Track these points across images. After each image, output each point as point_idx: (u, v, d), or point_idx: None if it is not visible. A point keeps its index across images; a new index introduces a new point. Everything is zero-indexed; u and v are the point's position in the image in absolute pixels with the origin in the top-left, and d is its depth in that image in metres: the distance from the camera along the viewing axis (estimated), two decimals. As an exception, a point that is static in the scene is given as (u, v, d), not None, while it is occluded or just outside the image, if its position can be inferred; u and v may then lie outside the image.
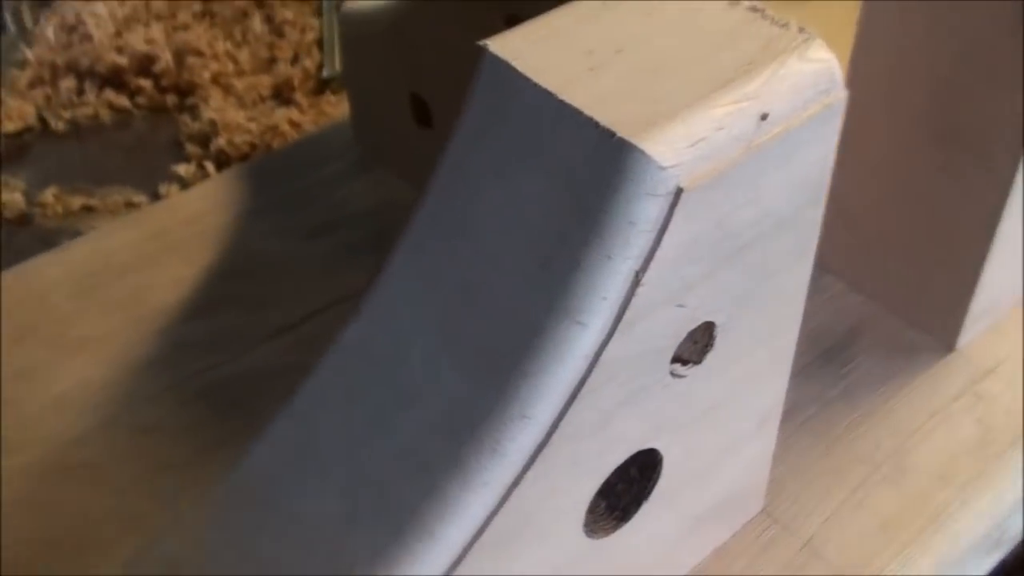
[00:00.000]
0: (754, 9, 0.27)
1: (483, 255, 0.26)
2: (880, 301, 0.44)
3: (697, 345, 0.28)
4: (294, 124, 0.64)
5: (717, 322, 0.28)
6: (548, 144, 0.25)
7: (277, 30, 0.74)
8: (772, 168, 0.26)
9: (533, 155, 0.25)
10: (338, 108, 0.65)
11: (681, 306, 0.26)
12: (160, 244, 0.48)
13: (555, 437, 0.26)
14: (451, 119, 0.44)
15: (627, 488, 0.31)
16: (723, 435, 0.32)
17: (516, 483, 0.26)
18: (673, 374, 0.28)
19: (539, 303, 0.25)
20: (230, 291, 0.46)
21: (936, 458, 0.39)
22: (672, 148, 0.24)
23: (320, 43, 0.72)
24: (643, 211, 0.24)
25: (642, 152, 0.24)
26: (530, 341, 0.25)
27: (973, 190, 0.39)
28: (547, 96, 0.25)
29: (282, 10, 0.75)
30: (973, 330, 0.43)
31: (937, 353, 0.43)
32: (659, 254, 0.25)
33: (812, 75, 0.26)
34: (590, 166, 0.24)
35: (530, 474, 0.26)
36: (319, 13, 0.75)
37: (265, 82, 0.69)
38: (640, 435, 0.29)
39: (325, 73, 0.69)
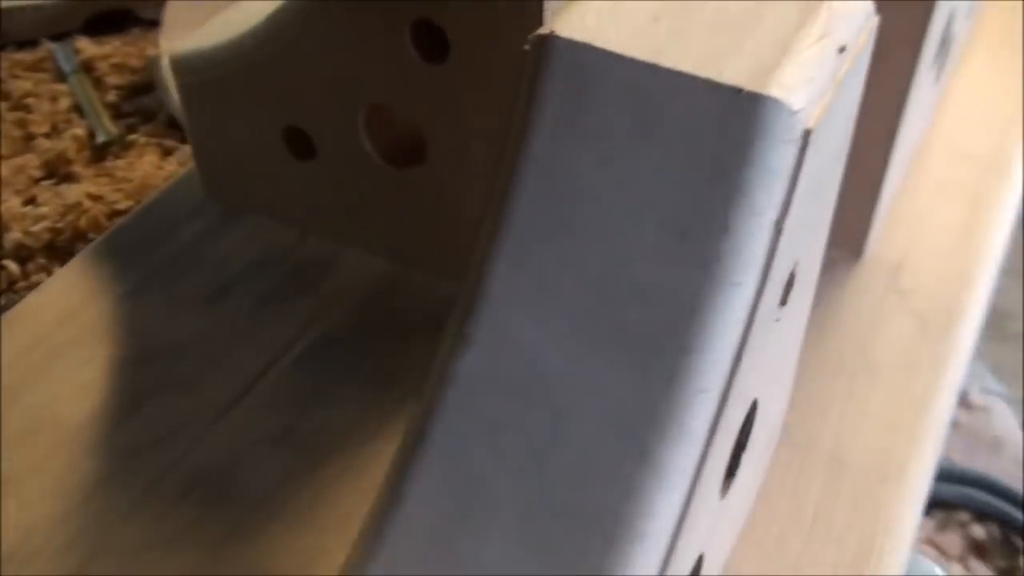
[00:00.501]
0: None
1: (609, 245, 0.25)
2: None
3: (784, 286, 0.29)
4: (95, 198, 0.58)
5: (799, 259, 0.29)
6: (660, 117, 0.25)
7: (20, 105, 0.66)
8: (845, 100, 0.27)
9: (643, 132, 0.25)
10: (135, 171, 0.60)
11: (791, 248, 0.27)
12: (42, 354, 0.42)
13: (725, 404, 0.25)
14: (340, 144, 0.42)
15: (723, 446, 0.31)
16: (780, 370, 0.33)
17: (703, 460, 0.25)
18: (776, 319, 0.29)
19: (690, 274, 0.25)
20: (152, 379, 0.41)
21: (895, 355, 0.42)
22: (794, 92, 0.24)
23: (78, 108, 0.66)
24: (781, 159, 0.24)
25: (776, 100, 0.24)
26: (691, 314, 0.25)
27: (870, 101, 0.42)
28: (648, 68, 0.25)
29: (17, 83, 0.68)
30: (874, 234, 0.46)
31: (850, 262, 0.46)
32: (793, 199, 0.25)
33: (856, 5, 0.27)
34: (717, 127, 0.24)
35: (711, 448, 0.25)
36: (61, 78, 0.68)
37: (32, 162, 0.62)
38: (755, 386, 0.29)
39: (101, 138, 0.63)
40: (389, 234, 0.45)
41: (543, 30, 0.26)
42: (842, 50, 0.26)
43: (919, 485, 0.38)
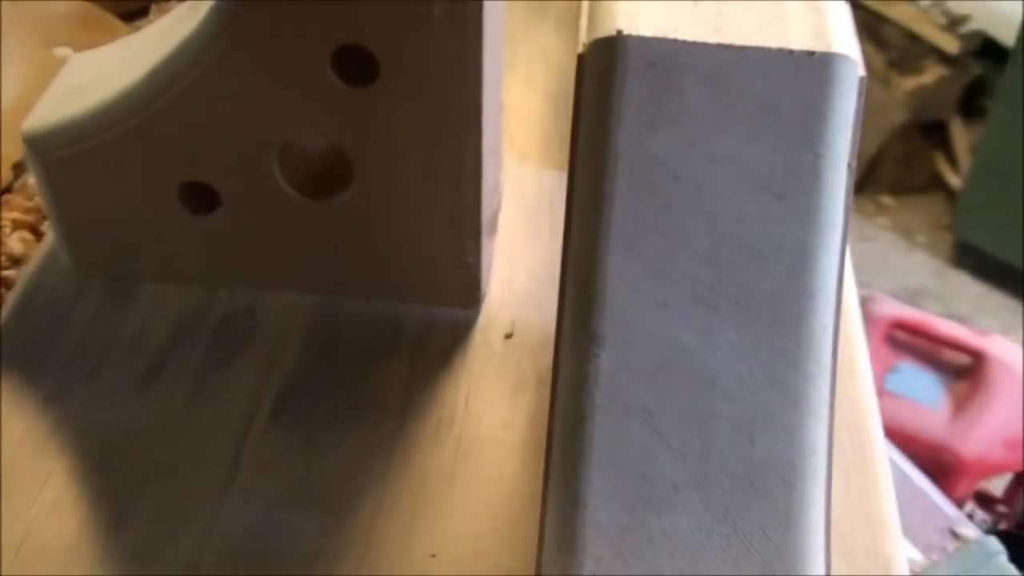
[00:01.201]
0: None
1: (713, 219, 0.27)
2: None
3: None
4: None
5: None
6: (739, 91, 0.27)
7: None
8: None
9: (725, 108, 0.27)
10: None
11: (837, 186, 0.30)
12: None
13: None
14: (249, 188, 0.41)
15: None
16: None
17: (832, 390, 0.28)
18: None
19: (796, 227, 0.27)
20: (127, 475, 0.38)
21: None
22: (848, 46, 0.27)
23: None
24: (850, 106, 0.27)
25: (843, 56, 0.26)
26: (804, 262, 0.27)
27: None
28: (721, 49, 0.26)
29: None
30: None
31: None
32: (856, 139, 0.28)
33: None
34: (796, 90, 0.27)
35: (835, 377, 0.28)
36: None
37: None
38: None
39: None
40: (315, 267, 0.44)
41: (605, 32, 0.27)
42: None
43: (868, 370, 0.43)
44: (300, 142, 0.41)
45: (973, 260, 1.88)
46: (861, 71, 0.27)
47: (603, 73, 0.27)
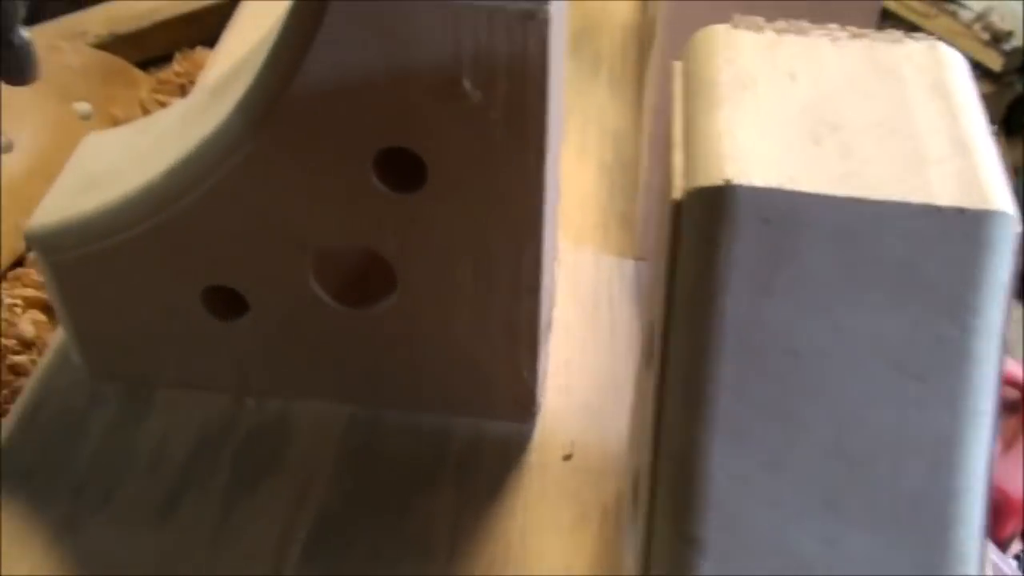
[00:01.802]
0: (869, 37, 0.26)
1: (839, 402, 0.23)
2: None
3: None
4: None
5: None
6: (873, 252, 0.22)
7: None
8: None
9: (856, 272, 0.22)
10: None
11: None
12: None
13: (981, 535, 0.24)
14: (280, 294, 0.37)
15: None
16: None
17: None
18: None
19: (938, 416, 0.23)
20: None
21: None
22: (1006, 198, 0.22)
23: None
24: (1007, 270, 0.22)
25: (1001, 213, 0.22)
26: (947, 458, 0.23)
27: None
28: (852, 203, 0.22)
29: None
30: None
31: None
32: (1009, 305, 0.23)
33: (954, 62, 0.26)
34: (941, 253, 0.22)
35: None
36: None
37: None
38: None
39: None
40: (353, 377, 0.39)
41: (710, 179, 0.22)
42: (995, 132, 0.25)
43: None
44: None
45: (1017, 284, 1.81)
46: (1019, 227, 0.23)
47: (707, 228, 0.23)
